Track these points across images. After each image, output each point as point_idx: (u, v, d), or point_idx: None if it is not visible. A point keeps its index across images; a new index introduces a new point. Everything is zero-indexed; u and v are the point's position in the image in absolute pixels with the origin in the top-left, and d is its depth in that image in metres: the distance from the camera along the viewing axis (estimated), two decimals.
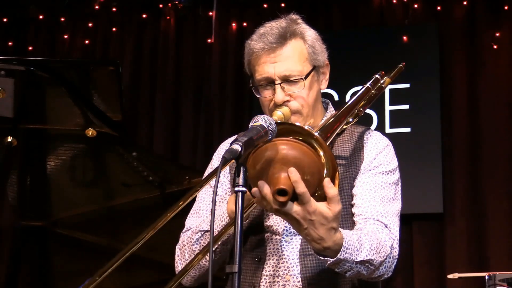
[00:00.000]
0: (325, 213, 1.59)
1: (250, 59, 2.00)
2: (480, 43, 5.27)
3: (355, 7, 5.59)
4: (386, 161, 1.99)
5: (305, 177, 1.56)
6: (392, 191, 1.96)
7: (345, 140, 2.02)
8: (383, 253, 1.78)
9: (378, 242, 1.78)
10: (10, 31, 6.09)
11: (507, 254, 4.83)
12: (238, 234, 1.46)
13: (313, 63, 1.99)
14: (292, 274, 1.89)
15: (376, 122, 5.22)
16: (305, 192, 1.55)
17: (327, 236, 1.62)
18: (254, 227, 1.96)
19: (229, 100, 5.65)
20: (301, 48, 1.97)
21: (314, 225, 1.59)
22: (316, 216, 1.58)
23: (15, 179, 3.44)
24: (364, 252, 1.71)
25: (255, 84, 1.99)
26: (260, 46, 1.95)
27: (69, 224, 3.59)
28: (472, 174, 5.08)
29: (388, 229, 1.88)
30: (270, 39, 1.95)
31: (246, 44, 2.01)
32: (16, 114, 3.18)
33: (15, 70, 3.00)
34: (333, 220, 1.60)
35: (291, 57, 1.95)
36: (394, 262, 1.85)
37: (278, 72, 1.94)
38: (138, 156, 3.45)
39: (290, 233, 1.93)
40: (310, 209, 1.57)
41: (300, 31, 1.99)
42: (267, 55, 1.95)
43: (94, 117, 3.22)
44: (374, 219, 1.88)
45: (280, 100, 1.93)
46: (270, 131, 1.54)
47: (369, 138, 2.02)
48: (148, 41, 5.94)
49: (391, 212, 1.92)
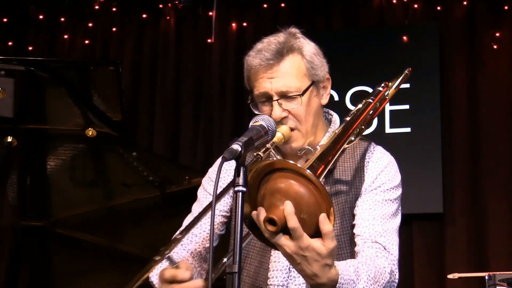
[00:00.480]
0: (319, 250, 1.56)
1: (249, 75, 1.98)
2: (480, 43, 5.27)
3: (355, 7, 5.59)
4: (387, 180, 1.97)
5: (302, 215, 1.55)
6: (393, 208, 1.95)
7: (347, 159, 2.00)
8: (382, 281, 1.77)
9: (377, 271, 1.77)
10: (10, 31, 6.09)
11: (507, 254, 4.83)
12: (238, 234, 1.46)
13: (311, 78, 1.96)
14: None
15: (376, 122, 5.22)
16: (297, 227, 1.52)
17: (321, 273, 1.59)
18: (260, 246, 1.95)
19: (229, 100, 5.65)
20: (298, 64, 1.94)
21: (308, 261, 1.57)
22: (309, 252, 1.55)
23: (15, 179, 3.44)
24: (361, 284, 1.70)
25: (254, 101, 1.97)
26: (257, 62, 1.93)
27: (69, 224, 3.58)
28: (472, 174, 5.07)
29: (387, 251, 1.87)
30: (267, 55, 1.92)
31: (245, 59, 1.99)
32: (16, 114, 3.18)
33: (15, 70, 2.99)
34: (327, 257, 1.57)
35: (288, 73, 1.92)
36: (394, 285, 1.86)
37: (275, 88, 1.91)
38: (138, 156, 3.45)
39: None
40: (302, 244, 1.54)
41: (298, 46, 1.96)
42: (264, 72, 1.92)
43: (94, 117, 3.22)
44: (372, 240, 1.86)
45: (277, 116, 1.90)
46: (270, 131, 1.54)
47: (371, 157, 2.00)
48: (148, 41, 5.94)
49: (390, 230, 1.92)
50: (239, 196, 1.48)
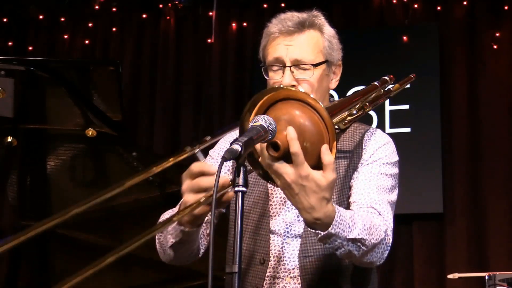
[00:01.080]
0: (318, 180, 1.54)
1: (267, 41, 2.01)
2: (480, 43, 5.27)
3: (355, 7, 5.59)
4: (385, 156, 1.98)
5: (305, 143, 1.53)
6: (389, 182, 1.94)
7: (347, 137, 2.02)
8: (376, 235, 1.74)
9: (372, 225, 1.74)
10: (10, 31, 6.10)
11: (507, 254, 4.83)
12: (238, 234, 1.46)
13: (326, 56, 1.99)
14: (292, 276, 1.89)
15: (376, 122, 5.22)
16: (298, 152, 1.51)
17: (318, 206, 1.56)
18: (257, 228, 1.96)
19: (229, 100, 5.66)
20: (317, 39, 1.99)
21: (306, 192, 1.54)
22: (308, 182, 1.53)
23: (15, 179, 3.44)
24: (357, 231, 1.67)
25: (265, 65, 1.99)
26: (277, 28, 1.98)
27: (69, 224, 3.58)
28: (472, 174, 5.08)
29: (382, 216, 1.85)
30: (289, 23, 1.97)
31: (265, 28, 2.03)
32: (16, 114, 3.18)
33: (15, 70, 2.99)
34: (326, 189, 1.55)
35: (306, 45, 1.96)
36: (387, 249, 1.81)
37: (290, 56, 1.94)
38: (138, 156, 3.44)
39: (291, 235, 1.92)
40: (302, 173, 1.52)
41: (320, 23, 2.02)
42: (283, 38, 1.96)
43: (94, 117, 3.22)
44: (368, 205, 1.85)
45: (287, 83, 1.93)
46: (270, 131, 1.54)
47: (370, 135, 2.02)
48: (148, 41, 5.94)
49: (386, 201, 1.90)
50: (239, 196, 1.48)
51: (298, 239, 1.91)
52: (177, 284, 3.52)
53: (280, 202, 1.97)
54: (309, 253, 1.87)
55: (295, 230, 1.92)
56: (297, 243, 1.91)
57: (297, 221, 1.92)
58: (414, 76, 2.38)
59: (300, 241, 1.90)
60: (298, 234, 1.91)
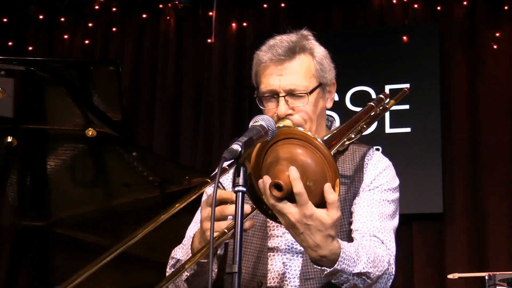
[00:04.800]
0: (323, 219, 1.54)
1: (258, 70, 1.99)
2: (480, 43, 5.27)
3: (355, 7, 5.59)
4: (386, 181, 1.98)
5: (308, 182, 1.54)
6: (390, 208, 1.95)
7: (347, 160, 2.01)
8: (380, 267, 1.75)
9: (375, 256, 1.76)
10: (10, 31, 6.09)
11: (507, 254, 4.83)
12: (238, 234, 1.46)
13: (319, 80, 1.98)
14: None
15: (376, 122, 5.22)
16: (302, 192, 1.51)
17: (324, 244, 1.57)
18: (256, 245, 1.95)
19: (229, 100, 5.65)
20: (308, 64, 1.97)
21: (311, 231, 1.55)
22: (313, 221, 1.54)
23: (15, 179, 3.44)
24: (362, 264, 1.68)
25: (259, 95, 1.98)
26: (268, 57, 1.95)
27: (69, 224, 3.59)
28: (472, 174, 5.08)
29: (384, 245, 1.86)
30: (279, 51, 1.94)
31: (255, 54, 2.01)
32: (16, 114, 3.18)
33: (15, 70, 2.99)
34: (330, 228, 1.56)
35: (298, 72, 1.94)
36: (391, 279, 1.83)
37: (283, 85, 1.93)
38: (138, 156, 3.45)
39: (292, 251, 1.91)
40: (307, 212, 1.53)
41: (310, 47, 1.99)
42: (274, 67, 1.94)
43: (94, 117, 3.22)
44: (371, 234, 1.86)
45: (282, 113, 1.92)
46: (270, 131, 1.54)
47: (370, 159, 2.01)
48: (148, 41, 5.94)
49: (388, 228, 1.91)
50: (239, 196, 1.48)
51: (299, 258, 1.90)
52: None
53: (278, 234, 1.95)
54: (311, 275, 1.86)
55: (297, 246, 1.91)
56: (299, 262, 1.89)
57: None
58: (408, 89, 2.39)
59: (302, 260, 1.89)
60: (300, 251, 1.90)
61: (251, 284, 1.91)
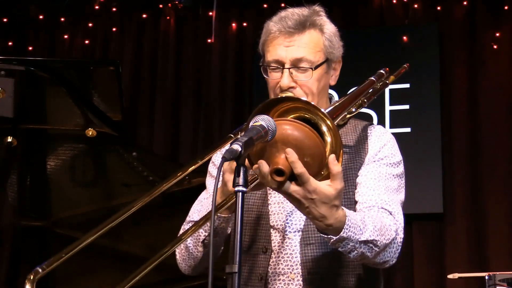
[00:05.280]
0: (327, 191, 1.57)
1: (266, 39, 1.99)
2: (480, 43, 5.27)
3: (355, 7, 5.59)
4: (391, 154, 2.00)
5: (305, 158, 1.55)
6: (396, 183, 1.96)
7: (349, 132, 2.02)
8: (387, 235, 1.76)
9: (382, 225, 1.77)
10: (10, 31, 6.09)
11: (507, 254, 4.83)
12: (238, 234, 1.46)
13: (327, 55, 1.98)
14: (293, 264, 1.90)
15: (376, 122, 5.22)
16: (303, 172, 1.53)
17: (329, 214, 1.60)
18: (258, 223, 1.96)
19: (229, 100, 5.65)
20: (317, 39, 1.97)
21: (315, 204, 1.58)
22: (316, 195, 1.57)
23: (15, 179, 3.44)
24: (368, 232, 1.70)
25: (264, 64, 1.99)
26: (277, 28, 1.95)
27: (69, 224, 3.59)
28: (472, 174, 5.08)
29: (392, 215, 1.86)
30: (289, 23, 1.95)
31: (265, 24, 2.01)
32: (16, 114, 3.18)
33: (15, 70, 2.99)
34: (335, 198, 1.59)
35: (306, 45, 1.94)
36: (399, 248, 1.84)
37: (289, 57, 1.93)
38: (138, 156, 3.45)
39: (292, 230, 1.93)
40: (310, 188, 1.55)
41: (320, 23, 2.00)
42: (283, 38, 1.94)
43: (94, 117, 3.22)
44: (378, 206, 1.87)
45: (285, 84, 1.93)
46: (270, 131, 1.54)
47: (373, 131, 2.03)
48: (148, 41, 5.94)
49: (395, 201, 1.91)
50: (239, 196, 1.48)
51: (299, 233, 1.92)
52: (177, 284, 3.52)
53: (278, 201, 1.97)
54: (310, 240, 1.88)
55: (296, 224, 1.93)
56: (298, 237, 1.91)
57: (298, 216, 1.92)
58: (408, 65, 2.38)
59: (301, 234, 1.91)
60: (299, 228, 1.92)
61: (255, 251, 1.93)
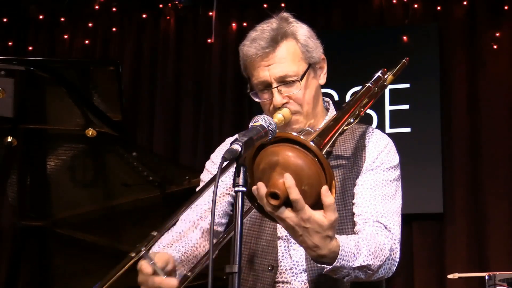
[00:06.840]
0: (320, 221, 1.57)
1: (246, 64, 1.99)
2: (480, 43, 5.27)
3: (355, 7, 5.59)
4: (387, 160, 1.99)
5: (303, 187, 1.54)
6: (393, 188, 1.96)
7: (347, 140, 2.02)
8: (381, 256, 1.78)
9: (377, 246, 1.78)
10: (10, 31, 6.09)
11: (507, 254, 4.83)
12: (238, 234, 1.46)
13: (308, 61, 1.98)
14: (300, 280, 1.90)
15: (376, 122, 5.22)
16: (299, 199, 1.53)
17: (322, 244, 1.60)
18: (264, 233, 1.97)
19: (229, 100, 5.65)
20: (294, 48, 1.96)
21: (309, 233, 1.58)
22: (310, 224, 1.56)
23: (15, 179, 3.44)
24: (362, 258, 1.71)
25: (253, 89, 1.99)
26: (253, 51, 1.95)
27: (69, 224, 3.59)
28: (472, 174, 5.07)
29: (387, 230, 1.87)
30: (262, 43, 1.94)
31: (240, 48, 2.01)
32: (16, 114, 3.18)
33: (15, 70, 3.00)
34: (328, 229, 1.58)
35: (285, 59, 1.94)
36: (395, 263, 1.85)
37: (273, 75, 1.93)
38: (138, 156, 3.45)
39: None
40: (304, 216, 1.55)
41: (292, 31, 1.98)
42: (260, 59, 1.94)
43: (94, 117, 3.22)
44: (373, 220, 1.87)
45: (278, 103, 1.93)
46: (270, 131, 1.54)
47: (370, 137, 2.02)
48: (148, 41, 5.94)
49: (392, 210, 1.92)
50: (239, 196, 1.48)
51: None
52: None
53: None
54: None
55: None
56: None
57: None
58: (408, 60, 2.36)
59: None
60: None
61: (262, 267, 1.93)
